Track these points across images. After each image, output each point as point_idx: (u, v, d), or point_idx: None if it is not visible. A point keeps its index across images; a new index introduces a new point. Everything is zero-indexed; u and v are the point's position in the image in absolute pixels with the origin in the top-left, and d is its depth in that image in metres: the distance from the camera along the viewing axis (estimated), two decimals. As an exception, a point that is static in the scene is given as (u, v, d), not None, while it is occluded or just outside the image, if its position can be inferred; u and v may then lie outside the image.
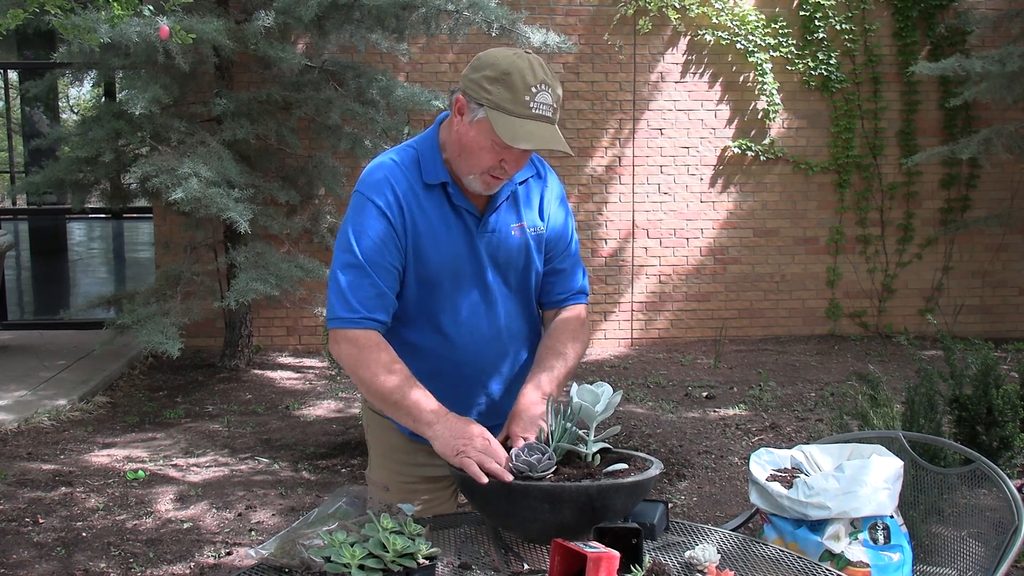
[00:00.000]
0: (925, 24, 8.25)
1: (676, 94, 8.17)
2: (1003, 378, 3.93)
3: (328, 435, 5.67)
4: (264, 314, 7.95)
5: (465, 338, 2.15)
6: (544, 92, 1.97)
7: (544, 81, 1.97)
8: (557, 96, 2.01)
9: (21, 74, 10.66)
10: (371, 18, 6.42)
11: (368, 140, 6.88)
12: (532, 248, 2.19)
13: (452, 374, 2.16)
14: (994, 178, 8.42)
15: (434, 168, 2.09)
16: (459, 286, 2.13)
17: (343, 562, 1.64)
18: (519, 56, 1.99)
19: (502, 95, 1.96)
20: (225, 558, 3.95)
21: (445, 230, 2.10)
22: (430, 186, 2.09)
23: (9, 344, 7.94)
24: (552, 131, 1.99)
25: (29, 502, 4.53)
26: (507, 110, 1.96)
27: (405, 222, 2.07)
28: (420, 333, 2.15)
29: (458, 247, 2.11)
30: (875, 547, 2.13)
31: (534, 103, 1.96)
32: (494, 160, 2.01)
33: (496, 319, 2.18)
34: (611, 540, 1.73)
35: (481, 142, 2.00)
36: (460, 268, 2.12)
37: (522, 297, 2.23)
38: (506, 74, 1.96)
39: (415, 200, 2.08)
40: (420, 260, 2.09)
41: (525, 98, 1.95)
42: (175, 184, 5.74)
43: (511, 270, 2.18)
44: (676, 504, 4.53)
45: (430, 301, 2.13)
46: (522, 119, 1.96)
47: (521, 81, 1.95)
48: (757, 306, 8.42)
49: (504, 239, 2.15)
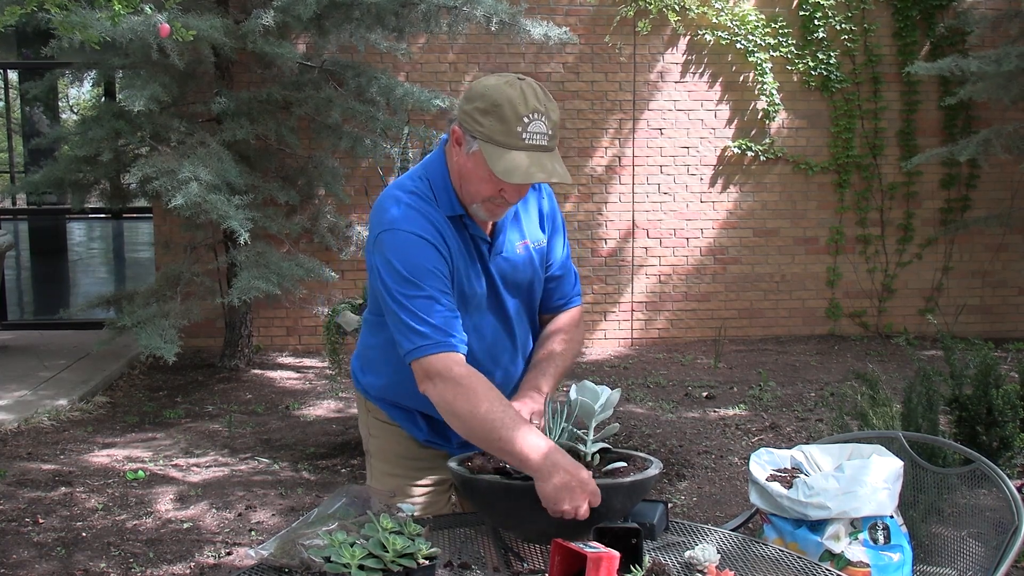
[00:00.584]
0: (925, 24, 8.25)
1: (676, 94, 8.17)
2: (1003, 378, 3.92)
3: (328, 435, 5.67)
4: (264, 314, 7.94)
5: (490, 360, 2.16)
6: (537, 121, 1.93)
7: (536, 109, 1.94)
8: (553, 123, 1.97)
9: (21, 74, 10.65)
10: (371, 16, 6.41)
11: (368, 139, 6.88)
12: (536, 262, 2.21)
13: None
14: (994, 178, 8.42)
15: (448, 200, 2.07)
16: (481, 310, 2.15)
17: (343, 562, 1.64)
18: (511, 85, 1.95)
19: (494, 127, 1.93)
20: (225, 558, 3.95)
21: (467, 258, 2.10)
22: (450, 217, 2.08)
23: (9, 344, 7.94)
24: (548, 159, 1.96)
25: (29, 502, 4.53)
26: (499, 142, 1.93)
27: (450, 250, 2.05)
28: None
29: (477, 273, 2.12)
30: (875, 547, 2.13)
31: (527, 133, 1.93)
32: (493, 191, 2.00)
33: (514, 337, 2.21)
34: (611, 540, 1.73)
35: (480, 173, 1.99)
36: (481, 293, 2.13)
37: (528, 312, 2.26)
38: (496, 105, 1.93)
39: (446, 229, 2.06)
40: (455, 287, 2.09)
41: (517, 129, 1.92)
42: (175, 188, 5.73)
43: (520, 287, 2.20)
44: (676, 504, 4.53)
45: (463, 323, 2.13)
46: (515, 151, 1.93)
47: (512, 112, 1.92)
48: (757, 306, 8.42)
49: (512, 258, 2.17)
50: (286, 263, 6.39)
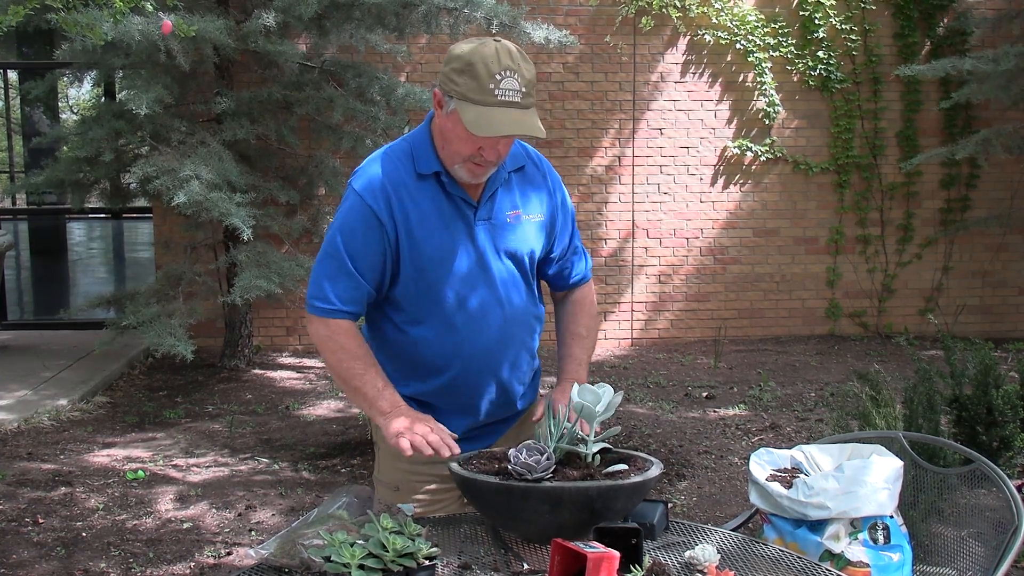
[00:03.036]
0: (925, 24, 8.25)
1: (676, 94, 8.17)
2: (1003, 378, 3.92)
3: (328, 435, 5.67)
4: (264, 314, 7.95)
5: (474, 328, 2.18)
6: (509, 78, 1.99)
7: (509, 67, 1.99)
8: (526, 80, 2.02)
9: (21, 74, 10.65)
10: (371, 17, 6.42)
11: (369, 139, 6.88)
12: (531, 235, 2.23)
13: (463, 364, 2.19)
14: (994, 178, 8.42)
15: (427, 158, 2.14)
16: (461, 276, 2.16)
17: (343, 562, 1.64)
18: (485, 45, 2.02)
19: (468, 85, 2.00)
20: (225, 558, 3.95)
21: (439, 219, 2.14)
22: (423, 176, 2.14)
23: (9, 344, 7.94)
24: (521, 115, 2.01)
25: (29, 502, 4.54)
26: (473, 100, 2.00)
27: (394, 212, 2.11)
28: (429, 328, 2.18)
29: (456, 235, 2.14)
30: (875, 547, 2.13)
31: (499, 90, 1.99)
32: (472, 149, 2.05)
33: (501, 307, 2.20)
34: (611, 540, 1.73)
35: (458, 132, 2.04)
36: (459, 257, 2.15)
37: (525, 283, 2.27)
38: (469, 64, 2.00)
39: (406, 191, 2.13)
40: (415, 249, 2.13)
41: (489, 86, 1.98)
42: (177, 187, 5.73)
43: (512, 257, 2.21)
44: (676, 504, 4.53)
45: (434, 294, 2.16)
46: (487, 107, 1.99)
47: (484, 70, 1.98)
48: (757, 306, 8.42)
49: (502, 226, 2.19)
50: (287, 263, 6.39)
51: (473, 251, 2.16)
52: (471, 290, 2.17)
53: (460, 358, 2.19)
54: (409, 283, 2.15)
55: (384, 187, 2.12)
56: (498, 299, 2.20)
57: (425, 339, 2.18)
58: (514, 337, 2.24)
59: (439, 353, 2.19)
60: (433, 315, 2.17)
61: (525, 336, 2.27)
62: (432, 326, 2.18)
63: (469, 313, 2.17)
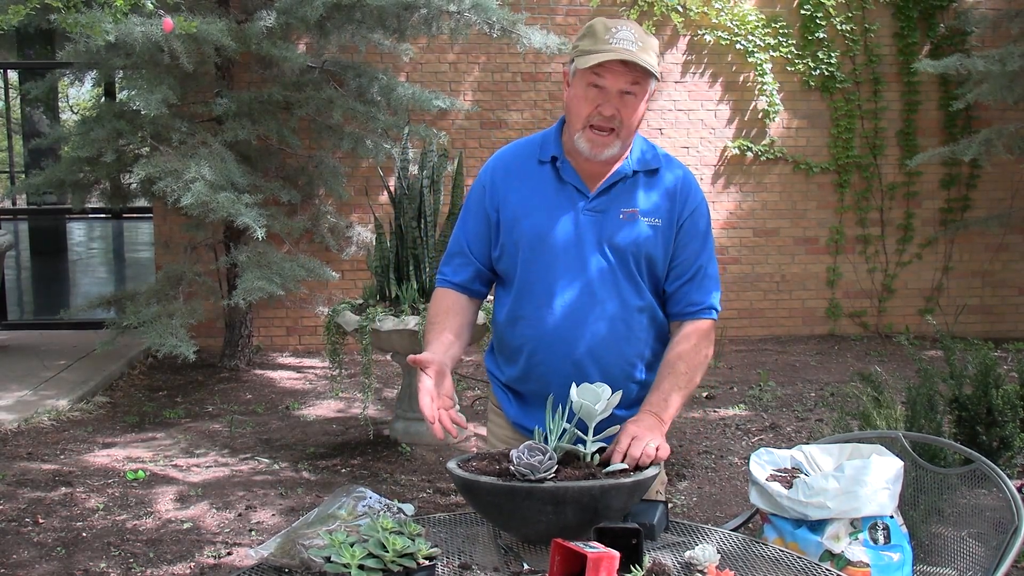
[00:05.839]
0: (925, 24, 8.25)
1: (676, 94, 8.17)
2: (1003, 378, 3.92)
3: (328, 435, 5.67)
4: (264, 314, 7.94)
5: (560, 309, 2.17)
6: (624, 31, 2.07)
7: (626, 26, 2.08)
8: (643, 37, 2.08)
9: (21, 74, 10.66)
10: (372, 18, 6.42)
11: (369, 140, 6.88)
12: (644, 235, 2.17)
13: (544, 342, 2.18)
14: (994, 178, 8.42)
15: (550, 145, 2.22)
16: (552, 260, 2.17)
17: (343, 562, 1.64)
18: (608, 17, 2.16)
19: (585, 44, 2.09)
20: (225, 558, 3.95)
21: (542, 201, 2.19)
22: (543, 162, 2.21)
23: (9, 344, 7.94)
24: (631, 54, 2.05)
25: (29, 502, 4.53)
26: (588, 51, 2.08)
27: (498, 190, 2.23)
28: (526, 305, 2.21)
29: (556, 220, 2.17)
30: (875, 547, 2.13)
31: (614, 39, 2.06)
32: (591, 107, 2.10)
33: (594, 295, 2.16)
34: (611, 540, 1.73)
35: (577, 92, 2.11)
36: (554, 240, 2.17)
37: (628, 281, 2.18)
38: (589, 27, 2.11)
39: (519, 173, 2.23)
40: (512, 227, 2.20)
41: (605, 37, 2.07)
42: (181, 188, 5.73)
43: (616, 251, 2.16)
44: (676, 504, 4.53)
45: (532, 272, 2.19)
46: (601, 52, 2.05)
47: (602, 27, 2.08)
48: (757, 306, 8.42)
49: (611, 220, 2.17)
50: (288, 263, 6.38)
51: (573, 237, 2.16)
52: (560, 275, 2.16)
53: (542, 334, 2.18)
54: (508, 259, 2.23)
55: (496, 168, 2.25)
56: (590, 290, 2.15)
57: (521, 315, 2.21)
58: (601, 328, 2.16)
59: (526, 329, 2.21)
60: (530, 294, 2.20)
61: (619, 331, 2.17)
62: (528, 304, 2.20)
63: (553, 297, 2.17)
